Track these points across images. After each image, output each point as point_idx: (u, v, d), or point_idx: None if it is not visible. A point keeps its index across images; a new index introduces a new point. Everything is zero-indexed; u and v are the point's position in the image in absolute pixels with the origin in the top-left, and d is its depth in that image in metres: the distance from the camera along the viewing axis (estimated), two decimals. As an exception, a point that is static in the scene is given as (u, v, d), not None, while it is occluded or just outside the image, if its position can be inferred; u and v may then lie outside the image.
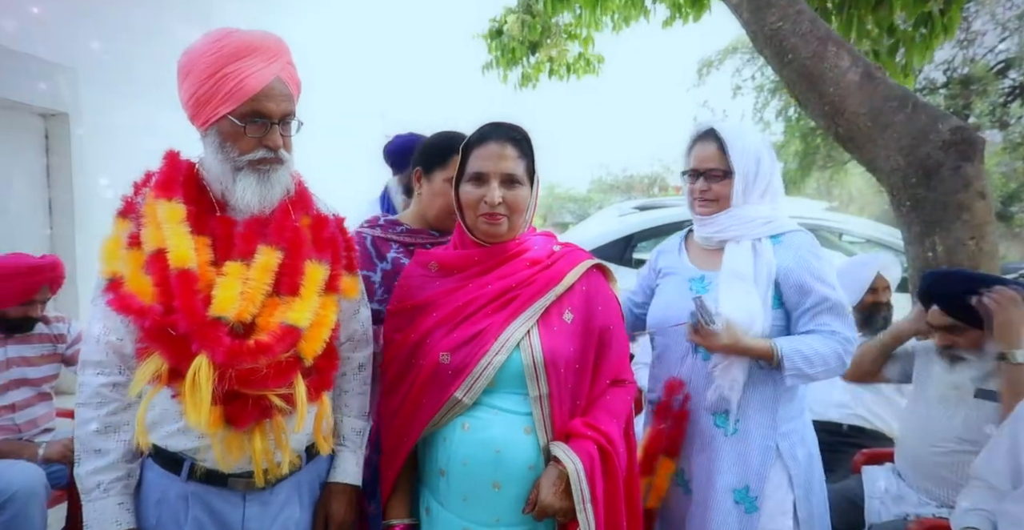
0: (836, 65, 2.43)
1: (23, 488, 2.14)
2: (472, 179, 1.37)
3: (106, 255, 1.20)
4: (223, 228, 1.23)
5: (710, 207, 1.70)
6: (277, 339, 1.17)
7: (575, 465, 1.29)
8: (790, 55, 2.52)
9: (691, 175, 1.72)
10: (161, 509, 1.25)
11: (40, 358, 2.54)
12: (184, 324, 1.12)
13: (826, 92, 2.45)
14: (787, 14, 2.53)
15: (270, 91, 1.21)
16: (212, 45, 1.19)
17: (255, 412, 1.19)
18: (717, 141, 1.67)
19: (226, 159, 1.22)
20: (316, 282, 1.27)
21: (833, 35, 2.50)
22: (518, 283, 1.38)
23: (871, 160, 2.46)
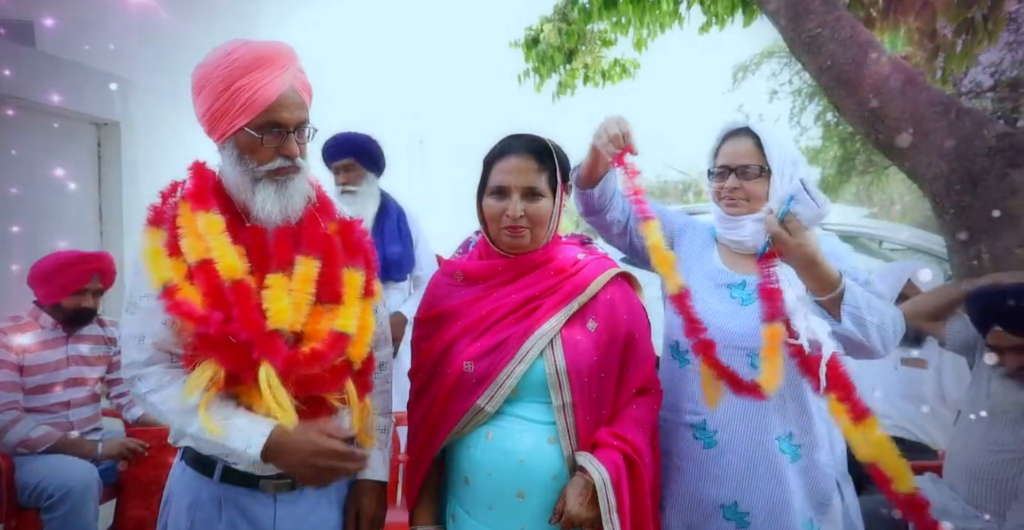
0: (877, 71, 2.40)
1: (78, 485, 2.24)
2: (494, 192, 1.38)
3: (151, 264, 1.21)
4: (255, 237, 1.26)
5: (740, 207, 1.57)
6: (329, 346, 1.21)
7: (601, 475, 1.29)
8: (829, 62, 2.50)
9: (720, 173, 1.59)
10: (195, 512, 1.27)
11: (96, 358, 2.66)
12: (245, 334, 1.15)
13: (866, 99, 2.42)
14: (826, 20, 2.51)
15: (284, 100, 1.22)
16: (224, 59, 1.20)
17: (315, 414, 1.23)
18: (753, 137, 1.56)
19: (245, 171, 1.24)
20: (356, 289, 1.30)
21: (874, 41, 2.47)
22: (542, 292, 1.39)
23: (913, 167, 2.42)
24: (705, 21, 4.72)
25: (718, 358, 1.42)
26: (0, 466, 2.29)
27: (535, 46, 5.75)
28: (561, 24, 5.57)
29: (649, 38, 5.18)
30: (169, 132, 4.77)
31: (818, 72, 2.59)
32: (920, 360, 2.64)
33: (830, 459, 1.52)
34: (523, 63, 5.85)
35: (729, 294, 1.58)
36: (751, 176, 1.55)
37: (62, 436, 2.42)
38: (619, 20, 5.01)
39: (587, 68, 5.92)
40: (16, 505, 2.31)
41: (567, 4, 5.44)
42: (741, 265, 1.59)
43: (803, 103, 10.02)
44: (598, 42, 5.78)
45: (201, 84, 1.22)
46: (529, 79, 5.89)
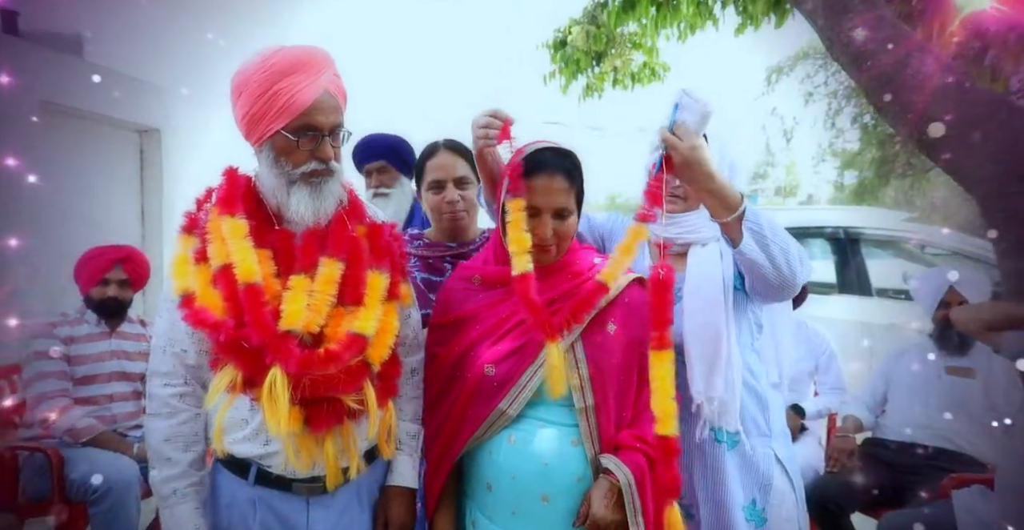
0: (920, 71, 2.33)
1: (120, 481, 2.30)
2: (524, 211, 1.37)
3: (176, 271, 1.26)
4: (282, 240, 1.28)
5: (678, 205, 1.61)
6: (345, 347, 1.21)
7: (627, 477, 1.28)
8: (869, 62, 2.43)
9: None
10: (231, 512, 1.30)
11: (137, 354, 2.78)
12: (256, 337, 1.17)
13: (909, 100, 2.35)
14: (866, 19, 2.45)
15: (320, 104, 1.24)
16: (262, 64, 1.22)
17: (331, 416, 1.23)
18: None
19: (280, 173, 1.27)
20: (378, 291, 1.31)
21: (917, 40, 2.40)
22: (560, 295, 1.39)
23: (958, 168, 2.34)
24: (740, 22, 4.65)
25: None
26: (51, 460, 2.37)
27: (562, 48, 5.74)
28: (590, 27, 5.55)
29: (680, 40, 5.13)
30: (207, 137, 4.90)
31: (858, 74, 2.52)
32: (967, 369, 2.56)
33: (767, 438, 1.58)
34: (550, 64, 5.84)
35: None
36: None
37: (104, 429, 2.52)
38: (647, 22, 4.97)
39: (616, 71, 5.88)
40: (66, 498, 2.39)
41: (596, 7, 5.42)
42: (672, 263, 1.57)
43: (840, 105, 9.80)
44: (628, 44, 5.75)
45: (240, 88, 1.25)
46: (555, 81, 5.88)
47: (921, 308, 2.72)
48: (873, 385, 2.80)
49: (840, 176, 11.92)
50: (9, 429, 2.71)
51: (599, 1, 5.35)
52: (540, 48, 5.85)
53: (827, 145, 10.82)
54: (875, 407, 2.76)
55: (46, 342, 2.59)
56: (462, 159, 1.81)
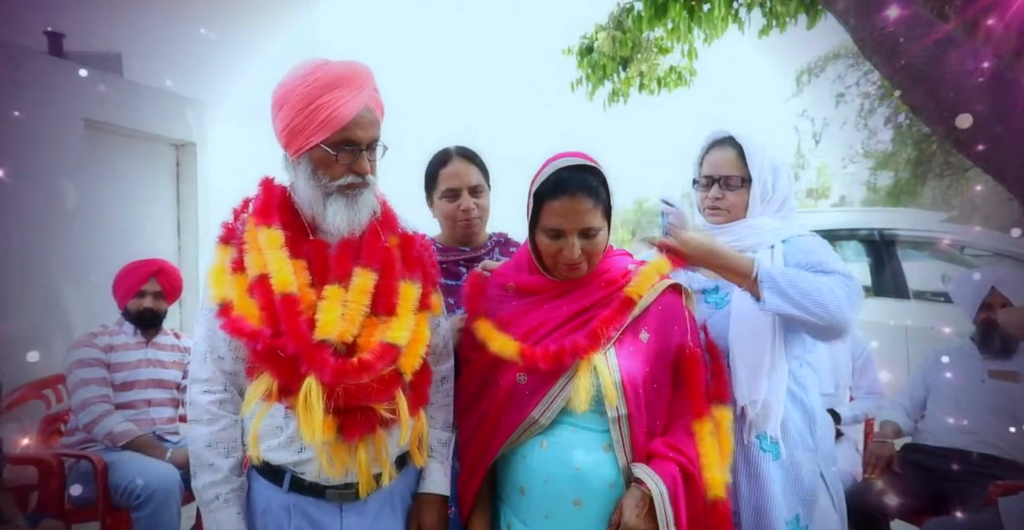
0: (957, 69, 2.28)
1: (162, 486, 2.36)
2: (548, 232, 1.36)
3: (214, 281, 1.28)
4: (317, 251, 1.30)
5: (721, 217, 1.63)
6: (378, 357, 1.23)
7: (659, 487, 1.27)
8: (903, 60, 2.39)
9: (704, 183, 1.65)
10: (267, 519, 1.32)
11: (172, 363, 2.88)
12: (292, 347, 1.19)
13: (946, 97, 2.30)
14: (900, 17, 2.41)
15: (360, 119, 1.26)
16: (305, 78, 1.25)
17: (364, 424, 1.25)
18: (736, 147, 1.61)
19: (318, 185, 1.29)
20: (411, 301, 1.32)
21: (953, 37, 2.35)
22: (593, 303, 1.38)
23: (999, 167, 2.28)
24: (765, 24, 4.60)
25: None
26: (96, 467, 2.44)
27: (588, 54, 5.74)
28: (616, 32, 5.54)
29: (705, 44, 5.10)
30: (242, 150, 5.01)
31: (892, 72, 2.48)
32: (1011, 372, 2.48)
33: (812, 454, 1.55)
34: (576, 71, 5.85)
35: (703, 299, 1.64)
36: (733, 187, 1.61)
37: (140, 434, 2.59)
38: (674, 26, 4.95)
39: (643, 76, 5.86)
40: (110, 505, 2.46)
41: (622, 12, 5.41)
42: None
43: (872, 105, 9.61)
44: (654, 49, 5.73)
45: (281, 101, 1.27)
46: (582, 87, 5.88)
47: (961, 310, 2.65)
48: (912, 390, 2.73)
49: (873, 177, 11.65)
50: (55, 436, 2.80)
51: (625, 6, 5.35)
52: (567, 55, 5.86)
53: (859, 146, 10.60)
54: (914, 412, 2.69)
55: (87, 351, 2.68)
56: (475, 167, 1.83)
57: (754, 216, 1.61)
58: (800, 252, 1.55)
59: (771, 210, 1.62)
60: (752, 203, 1.60)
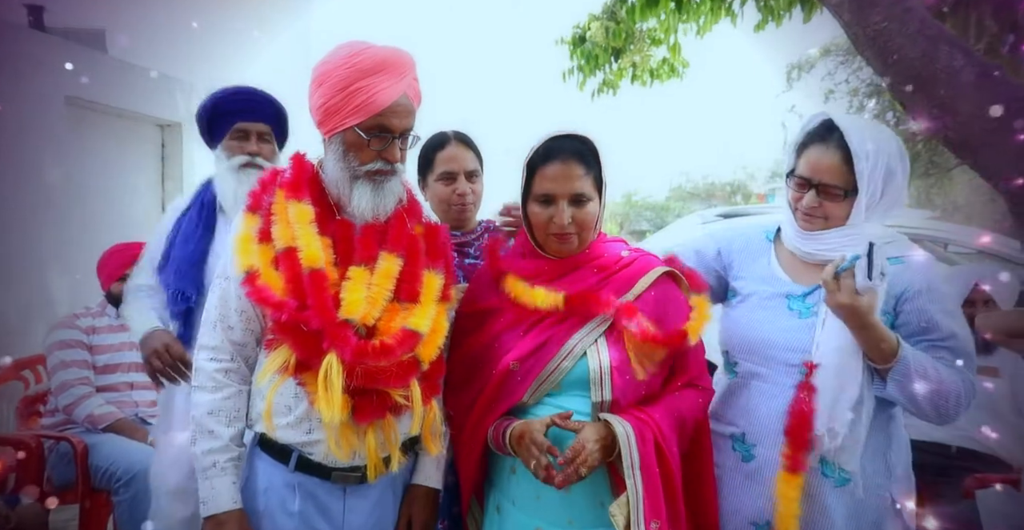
0: (949, 66, 2.29)
1: (143, 469, 2.33)
2: (539, 200, 1.37)
3: (240, 248, 1.28)
4: (343, 230, 1.30)
5: (815, 224, 1.43)
6: (399, 342, 1.23)
7: (625, 429, 1.27)
8: (895, 56, 2.40)
9: (798, 182, 1.44)
10: (269, 496, 1.32)
11: None
12: (316, 322, 1.19)
13: (936, 95, 2.31)
14: (894, 13, 2.41)
15: (396, 107, 1.26)
16: (348, 59, 1.24)
17: (377, 408, 1.25)
18: (843, 150, 1.37)
19: (346, 168, 1.29)
20: (434, 291, 1.33)
21: (946, 34, 2.36)
22: (586, 289, 1.38)
23: (987, 166, 2.30)
24: (761, 18, 4.60)
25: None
26: (76, 449, 2.42)
27: (581, 44, 5.72)
28: (609, 23, 5.52)
29: (698, 36, 5.09)
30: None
31: (884, 68, 2.49)
32: (991, 368, 2.51)
33: (885, 481, 1.40)
34: (568, 61, 5.82)
35: (787, 305, 1.46)
36: (833, 197, 1.39)
37: (121, 417, 2.58)
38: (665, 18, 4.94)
39: (635, 67, 5.85)
40: (90, 487, 2.45)
41: (616, 3, 5.39)
42: (806, 275, 1.47)
43: (861, 102, 9.68)
44: (647, 41, 5.71)
45: (321, 79, 1.27)
46: (573, 77, 5.85)
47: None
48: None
49: (859, 174, 11.75)
50: (34, 418, 2.76)
51: (618, -4, 5.32)
52: (559, 44, 5.83)
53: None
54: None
55: (68, 332, 2.65)
56: (471, 152, 1.84)
57: (855, 224, 1.41)
58: (930, 299, 1.37)
59: (876, 216, 1.42)
60: (855, 213, 1.40)
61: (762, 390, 1.46)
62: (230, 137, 1.98)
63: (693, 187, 23.68)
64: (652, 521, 1.24)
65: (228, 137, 1.98)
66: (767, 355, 1.45)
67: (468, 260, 1.81)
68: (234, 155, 1.96)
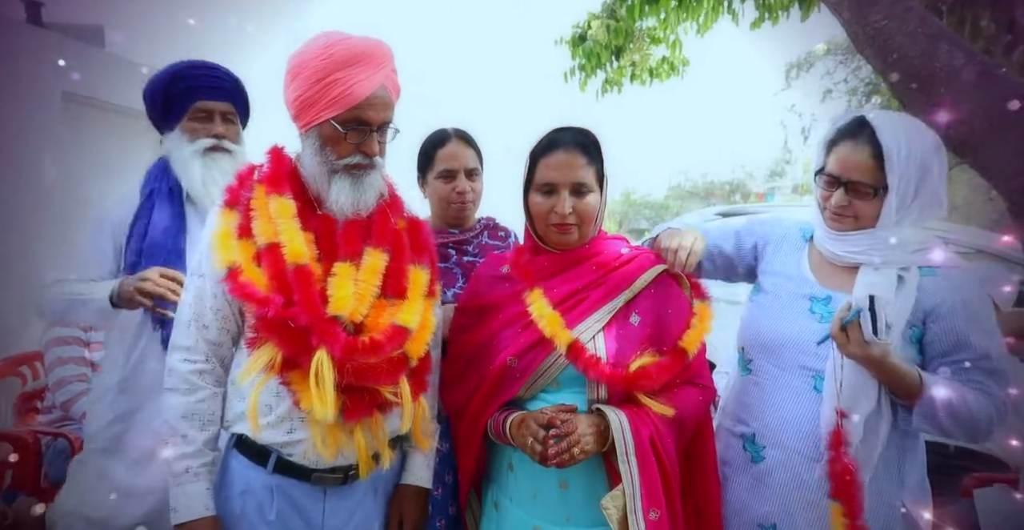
0: (948, 64, 2.29)
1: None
2: (541, 189, 1.37)
3: (220, 245, 1.24)
4: (325, 226, 1.28)
5: (845, 224, 1.39)
6: (388, 338, 1.22)
7: (619, 417, 1.26)
8: (895, 54, 2.39)
9: (827, 180, 1.40)
10: (246, 499, 1.28)
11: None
12: (304, 318, 1.16)
13: (936, 93, 2.31)
14: (894, 11, 2.41)
15: (374, 99, 1.24)
16: (323, 50, 1.21)
17: (367, 406, 1.23)
18: (873, 146, 1.33)
19: (324, 162, 1.26)
20: (420, 286, 1.32)
21: (946, 32, 2.36)
22: (585, 286, 1.38)
23: (986, 165, 2.30)
24: (757, 17, 4.60)
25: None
26: (73, 445, 2.41)
27: (582, 43, 5.71)
28: (609, 21, 5.51)
29: (698, 34, 5.09)
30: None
31: (884, 66, 2.49)
32: (990, 367, 2.52)
33: (896, 488, 1.37)
34: (570, 60, 5.82)
35: (809, 308, 1.43)
36: (863, 195, 1.35)
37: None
38: (666, 16, 4.93)
39: (635, 66, 5.84)
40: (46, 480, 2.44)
41: (615, 1, 5.38)
42: (833, 278, 1.44)
43: (859, 102, 9.68)
44: (647, 39, 5.70)
45: (296, 70, 1.24)
46: (575, 77, 5.85)
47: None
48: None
49: (858, 174, 11.77)
50: (31, 414, 2.76)
51: (618, -6, 5.32)
52: (559, 44, 5.82)
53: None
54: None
55: (65, 329, 2.63)
56: (472, 150, 1.83)
57: (886, 226, 1.35)
58: (963, 317, 1.31)
59: (910, 218, 1.35)
60: (886, 213, 1.34)
61: (775, 392, 1.43)
62: (191, 118, 1.79)
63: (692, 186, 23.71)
64: (651, 510, 1.22)
65: (188, 118, 1.79)
66: (783, 356, 1.42)
67: (466, 258, 1.81)
68: (197, 138, 1.78)
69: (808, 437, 1.37)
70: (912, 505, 1.38)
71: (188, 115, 1.79)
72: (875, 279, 1.35)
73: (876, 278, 1.35)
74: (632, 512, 1.22)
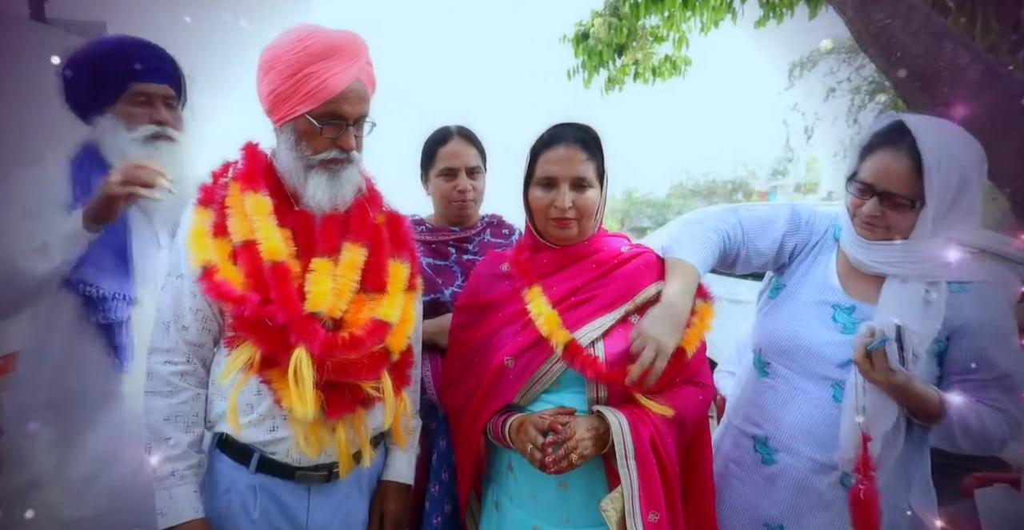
0: (953, 63, 2.28)
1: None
2: (541, 183, 1.36)
3: (195, 243, 1.21)
4: (302, 221, 1.26)
5: (877, 234, 1.34)
6: (369, 333, 1.20)
7: (619, 419, 1.25)
8: (899, 53, 2.39)
9: (860, 188, 1.33)
10: (230, 498, 1.26)
11: None
12: (282, 316, 1.15)
13: (940, 92, 2.31)
14: (897, 10, 2.40)
15: (349, 93, 1.22)
16: (297, 43, 1.19)
17: (348, 402, 1.21)
18: (913, 158, 1.25)
19: (299, 157, 1.25)
20: (400, 280, 1.30)
21: (951, 31, 2.35)
22: (584, 284, 1.37)
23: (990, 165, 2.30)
24: (761, 15, 4.59)
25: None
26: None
27: (584, 41, 5.71)
28: (612, 19, 5.51)
29: (702, 33, 5.08)
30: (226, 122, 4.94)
31: (887, 65, 2.48)
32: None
33: (903, 491, 1.36)
34: (573, 59, 5.81)
35: (831, 316, 1.39)
36: (899, 207, 1.28)
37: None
38: (669, 15, 4.93)
39: (637, 64, 5.84)
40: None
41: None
42: (859, 286, 1.40)
43: (863, 100, 9.66)
44: (649, 38, 5.70)
45: (269, 65, 1.22)
46: (578, 75, 5.84)
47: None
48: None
49: (862, 173, 11.77)
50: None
51: (621, -7, 5.31)
52: (563, 42, 5.82)
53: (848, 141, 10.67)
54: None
55: None
56: (474, 148, 1.81)
57: (920, 238, 1.30)
58: (990, 337, 1.29)
59: (944, 231, 1.29)
60: (921, 225, 1.28)
61: (793, 397, 1.42)
62: (127, 102, 1.57)
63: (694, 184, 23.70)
64: (650, 512, 1.22)
65: (123, 102, 1.57)
66: (802, 363, 1.40)
67: (466, 256, 1.80)
68: (137, 124, 1.56)
69: (823, 445, 1.35)
70: (919, 508, 1.37)
71: (123, 98, 1.57)
72: (901, 292, 1.31)
73: (903, 291, 1.31)
74: (631, 516, 1.21)
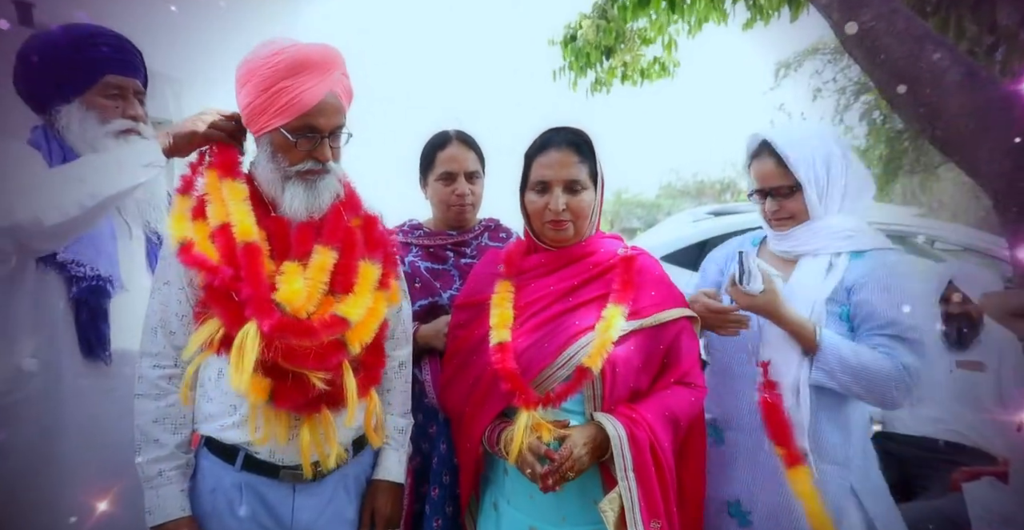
0: (934, 65, 2.32)
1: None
2: (536, 187, 1.40)
3: (174, 224, 1.26)
4: (277, 226, 1.28)
5: (787, 225, 1.60)
6: (324, 325, 1.21)
7: (618, 431, 1.28)
8: (883, 55, 2.43)
9: (759, 194, 1.63)
10: (216, 497, 1.30)
11: None
12: (246, 291, 1.18)
13: (922, 93, 2.35)
14: (880, 13, 2.44)
15: (323, 106, 1.24)
16: (269, 58, 1.22)
17: (296, 393, 1.22)
18: (774, 155, 1.57)
19: (276, 168, 1.28)
20: (370, 281, 1.32)
21: (932, 34, 2.40)
22: (580, 283, 1.40)
23: (972, 164, 2.34)
24: (749, 17, 4.64)
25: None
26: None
27: (572, 42, 5.73)
28: (600, 21, 5.54)
29: (689, 35, 5.13)
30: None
31: (871, 67, 2.52)
32: (977, 363, 2.56)
33: (843, 470, 1.49)
34: (560, 60, 5.84)
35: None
36: (785, 195, 1.57)
37: None
38: (657, 17, 4.96)
39: (626, 66, 5.87)
40: None
41: (607, 2, 5.41)
42: (780, 271, 1.58)
43: (848, 101, 9.77)
44: (637, 40, 5.73)
45: (244, 79, 1.25)
46: (565, 76, 5.87)
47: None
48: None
49: (847, 173, 11.85)
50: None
51: (609, -5, 5.34)
52: (551, 44, 5.84)
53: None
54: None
55: None
56: (473, 153, 1.83)
57: (817, 217, 1.56)
58: (874, 289, 1.49)
59: (835, 206, 1.57)
60: (810, 206, 1.56)
61: (731, 380, 1.60)
62: (99, 93, 1.55)
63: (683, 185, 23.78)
64: (652, 521, 1.25)
65: (96, 92, 1.54)
66: (732, 347, 1.59)
67: (464, 260, 1.82)
68: (110, 117, 1.54)
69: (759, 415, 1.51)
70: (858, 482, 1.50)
71: (95, 89, 1.54)
72: (812, 264, 1.55)
73: (813, 263, 1.55)
74: (632, 525, 1.24)
